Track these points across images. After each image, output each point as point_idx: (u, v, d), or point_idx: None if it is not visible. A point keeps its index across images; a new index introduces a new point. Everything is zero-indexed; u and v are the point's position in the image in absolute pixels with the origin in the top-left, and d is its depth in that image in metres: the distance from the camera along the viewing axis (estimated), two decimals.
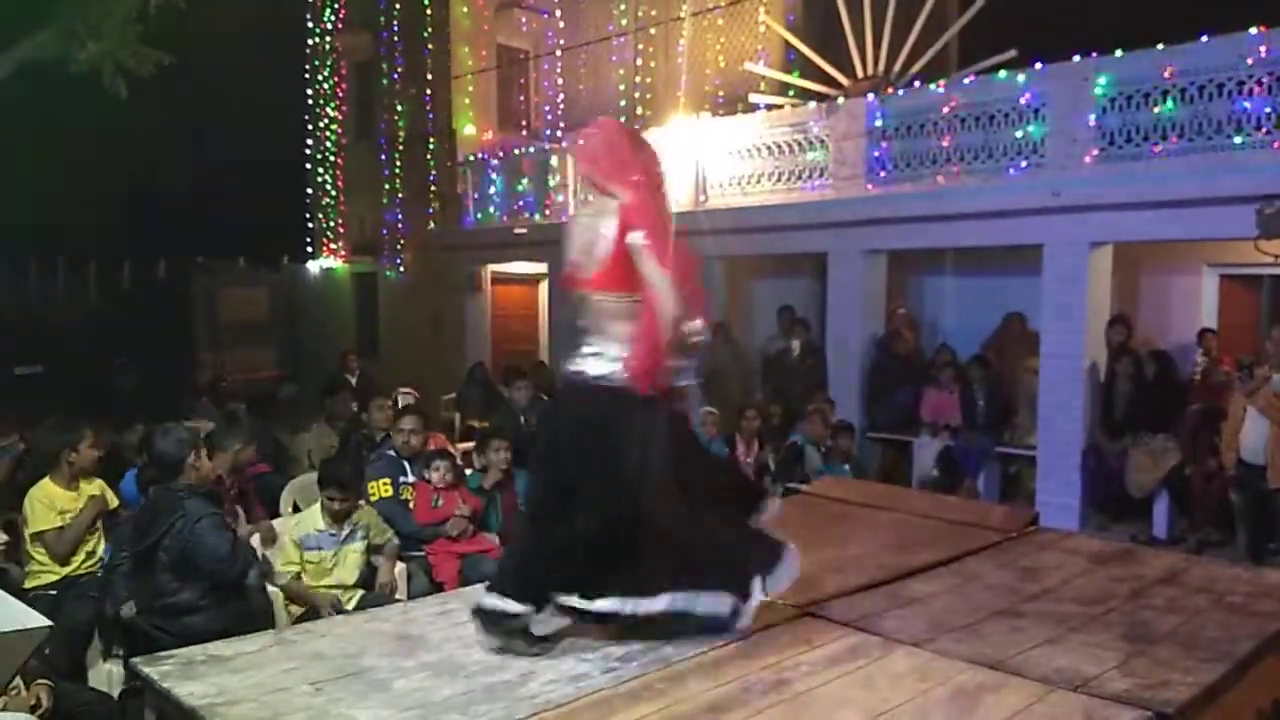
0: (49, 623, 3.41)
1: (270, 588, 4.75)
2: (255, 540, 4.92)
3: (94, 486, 5.04)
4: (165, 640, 3.78)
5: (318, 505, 5.08)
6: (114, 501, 5.18)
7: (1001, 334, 9.81)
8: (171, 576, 4.15)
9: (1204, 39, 7.42)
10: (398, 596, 5.03)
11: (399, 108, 14.93)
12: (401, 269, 15.30)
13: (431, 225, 14.57)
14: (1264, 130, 7.14)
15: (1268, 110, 7.11)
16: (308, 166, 16.72)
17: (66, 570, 4.80)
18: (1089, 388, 8.20)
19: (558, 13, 14.70)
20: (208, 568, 4.11)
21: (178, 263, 17.13)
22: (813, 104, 10.26)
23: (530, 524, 3.44)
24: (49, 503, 4.82)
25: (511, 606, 3.15)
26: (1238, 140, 7.26)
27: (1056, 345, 8.29)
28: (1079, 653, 3.14)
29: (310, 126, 16.56)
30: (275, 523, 5.27)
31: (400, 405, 7.30)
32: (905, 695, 2.86)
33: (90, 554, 4.90)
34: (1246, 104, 7.20)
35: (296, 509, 5.67)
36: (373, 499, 5.53)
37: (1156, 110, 7.61)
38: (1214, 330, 8.77)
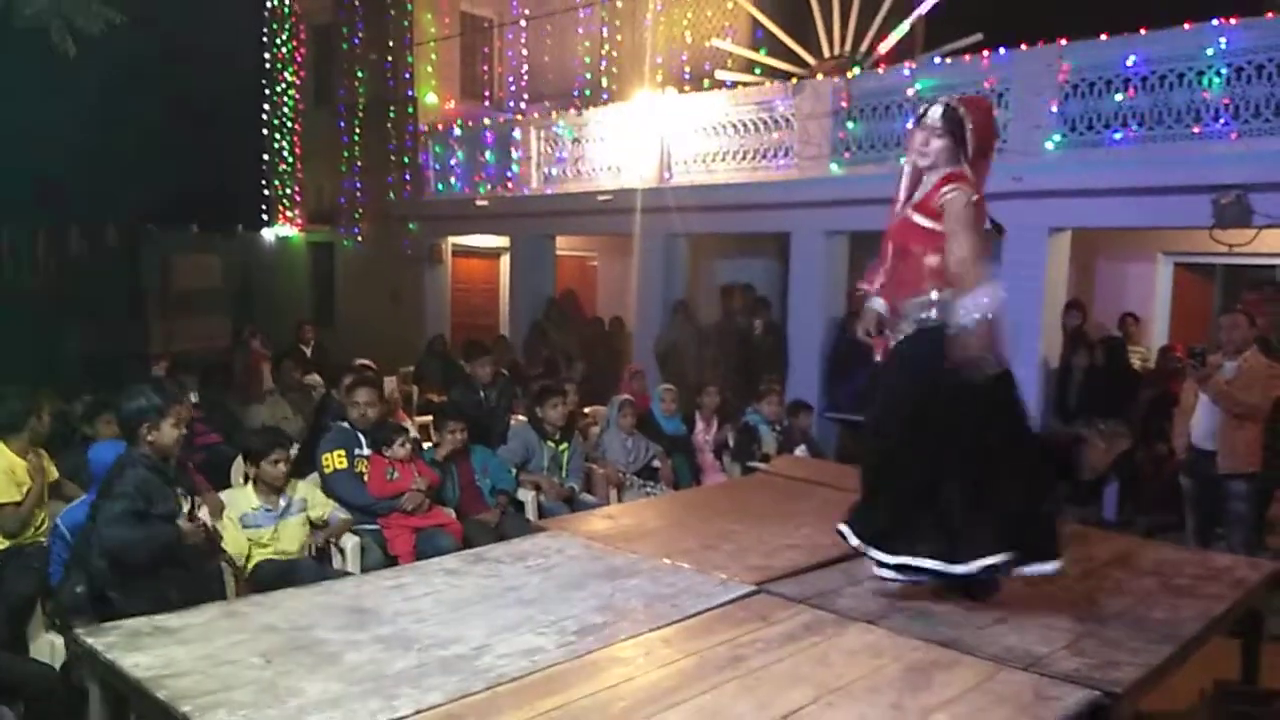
0: None
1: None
2: (205, 514, 4.82)
3: (41, 456, 4.92)
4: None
5: (249, 485, 5.05)
6: (54, 473, 5.04)
7: None
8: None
9: (1166, 29, 7.48)
10: (349, 569, 4.98)
11: (359, 74, 14.65)
12: (359, 239, 15.08)
13: (391, 195, 14.37)
14: (1222, 121, 7.24)
15: (1226, 101, 7.21)
16: (264, 132, 16.37)
17: (10, 541, 4.68)
18: (1043, 371, 8.30)
19: None
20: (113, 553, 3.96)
21: (127, 228, 16.73)
22: (779, 83, 10.24)
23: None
24: (10, 474, 4.69)
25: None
26: (1196, 130, 7.35)
27: (1013, 330, 8.35)
28: (1029, 632, 3.18)
29: (268, 91, 16.21)
30: (223, 495, 5.17)
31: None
32: (858, 672, 2.87)
33: (36, 526, 4.78)
34: (1206, 94, 7.28)
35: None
36: (326, 471, 5.46)
37: (1118, 98, 7.68)
38: (1135, 315, 8.94)
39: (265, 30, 16.05)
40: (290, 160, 16.23)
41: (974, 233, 3.36)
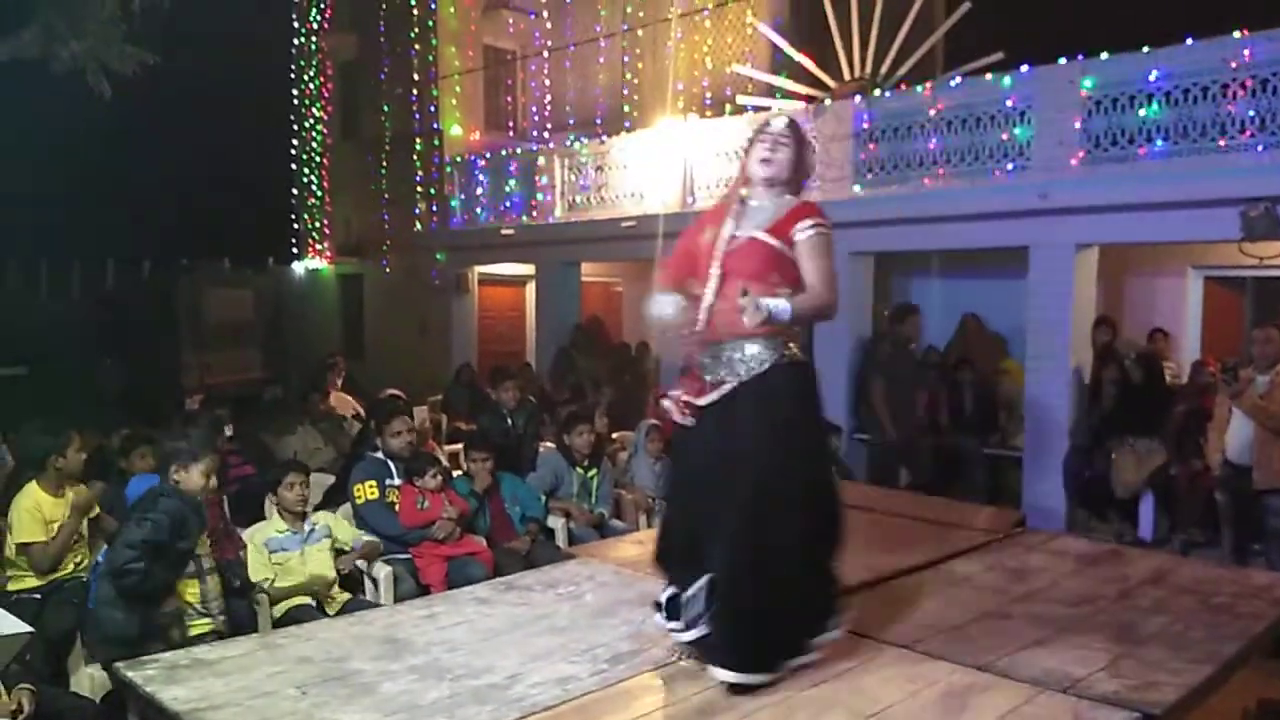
0: (29, 628, 3.37)
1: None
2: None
3: (79, 492, 4.96)
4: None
5: (274, 513, 5.14)
6: (95, 508, 5.09)
7: (959, 336, 9.91)
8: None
9: (1189, 42, 7.46)
10: (382, 599, 5.01)
11: (385, 108, 14.88)
12: (387, 270, 15.25)
13: (418, 226, 14.53)
14: (1248, 133, 7.18)
15: (1252, 113, 7.16)
16: (294, 167, 16.64)
17: (46, 579, 4.74)
18: (1075, 389, 8.23)
19: (545, 13, 14.68)
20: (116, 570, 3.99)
21: (162, 264, 17.02)
22: (800, 106, 10.27)
23: None
24: (36, 512, 4.70)
25: None
26: (1222, 143, 7.30)
27: (1042, 347, 8.31)
28: (1067, 654, 3.15)
29: (296, 127, 16.49)
30: (249, 529, 5.23)
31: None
32: (894, 697, 2.86)
33: (77, 562, 4.82)
34: (1231, 107, 7.24)
35: None
36: (359, 502, 5.50)
37: (1142, 113, 7.65)
38: (1164, 330, 8.86)
39: (293, 68, 16.36)
40: (319, 194, 16.47)
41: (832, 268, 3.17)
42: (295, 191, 16.76)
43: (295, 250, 17.10)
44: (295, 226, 16.98)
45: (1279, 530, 5.93)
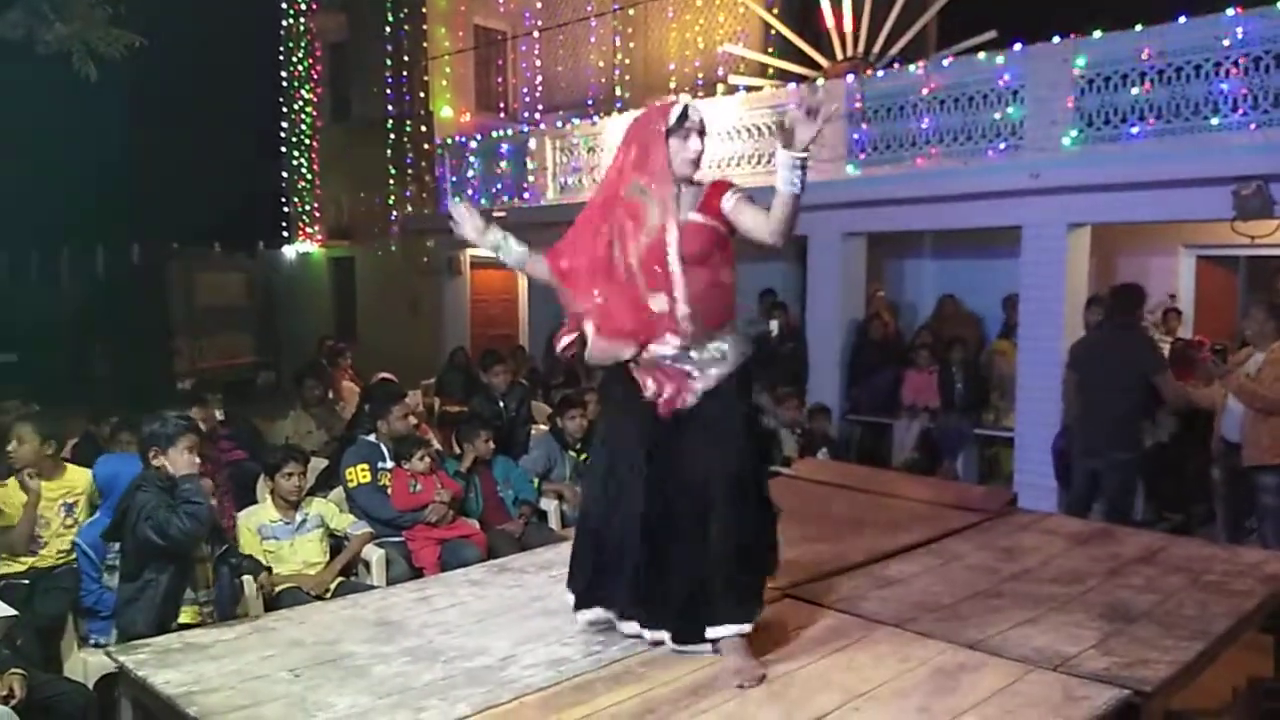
0: (14, 612, 3.36)
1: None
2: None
3: (65, 477, 4.93)
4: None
5: (269, 499, 5.14)
6: (78, 485, 4.99)
7: (937, 316, 9.93)
8: (133, 561, 4.03)
9: (1181, 20, 7.43)
10: (375, 582, 5.01)
11: (375, 90, 14.79)
12: (378, 252, 15.20)
13: (409, 209, 14.47)
14: (1240, 111, 7.17)
15: (1244, 91, 7.15)
16: (283, 150, 16.55)
17: (33, 560, 4.74)
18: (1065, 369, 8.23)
19: None
20: (180, 538, 3.83)
21: (152, 249, 16.92)
22: (792, 85, 10.23)
23: None
24: (8, 499, 4.76)
25: None
26: (1214, 121, 7.30)
27: (1034, 327, 8.32)
28: (1057, 632, 3.16)
29: (285, 109, 16.39)
30: (244, 511, 5.23)
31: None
32: (885, 676, 2.87)
33: (64, 550, 4.80)
34: (1223, 85, 7.23)
35: None
36: (350, 485, 5.49)
37: (1134, 91, 7.63)
38: (1178, 309, 8.87)
39: (282, 49, 16.24)
40: (309, 177, 16.38)
41: None
42: (285, 174, 16.67)
43: (286, 233, 17.03)
44: (285, 210, 16.90)
45: (1270, 506, 5.95)
